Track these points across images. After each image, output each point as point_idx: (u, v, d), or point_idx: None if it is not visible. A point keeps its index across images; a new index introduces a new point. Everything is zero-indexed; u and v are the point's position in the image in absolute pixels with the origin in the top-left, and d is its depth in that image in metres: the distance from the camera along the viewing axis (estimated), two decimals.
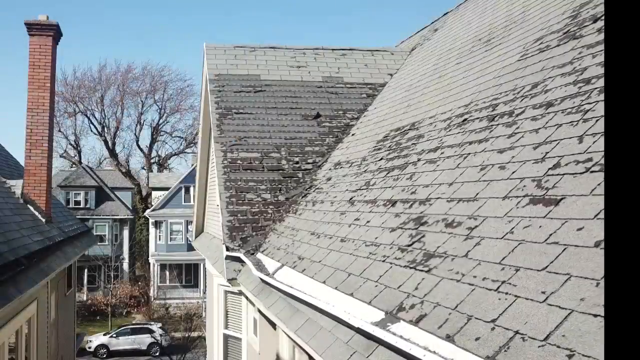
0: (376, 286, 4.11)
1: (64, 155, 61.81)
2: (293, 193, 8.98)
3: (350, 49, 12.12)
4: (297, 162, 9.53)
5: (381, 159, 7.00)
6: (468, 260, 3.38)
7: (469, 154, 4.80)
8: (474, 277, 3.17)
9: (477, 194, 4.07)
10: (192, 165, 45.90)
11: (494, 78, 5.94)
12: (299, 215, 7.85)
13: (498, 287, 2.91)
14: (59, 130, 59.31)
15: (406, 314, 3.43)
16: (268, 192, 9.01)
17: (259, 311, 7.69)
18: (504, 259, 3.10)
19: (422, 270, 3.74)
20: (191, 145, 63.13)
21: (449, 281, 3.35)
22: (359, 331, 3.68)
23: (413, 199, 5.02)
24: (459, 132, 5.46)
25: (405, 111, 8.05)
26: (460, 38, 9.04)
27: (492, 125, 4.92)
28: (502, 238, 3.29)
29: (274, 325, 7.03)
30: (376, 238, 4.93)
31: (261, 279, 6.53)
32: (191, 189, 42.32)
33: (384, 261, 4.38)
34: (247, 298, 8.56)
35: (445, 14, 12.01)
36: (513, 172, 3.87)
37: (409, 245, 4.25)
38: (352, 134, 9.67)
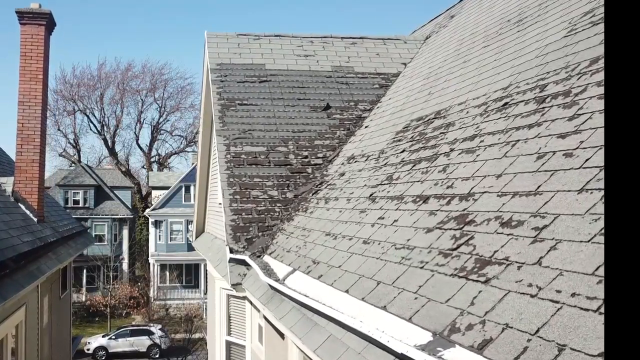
0: (416, 299, 3.39)
1: (63, 154, 61.12)
2: (302, 190, 8.26)
3: (360, 38, 11.40)
4: (306, 157, 8.82)
5: (403, 150, 6.28)
6: (543, 270, 2.67)
7: (518, 140, 4.08)
8: (558, 292, 2.45)
9: (538, 186, 3.35)
10: (193, 164, 45.19)
11: (535, 57, 5.22)
12: (310, 213, 7.14)
13: (599, 307, 2.19)
14: (58, 129, 58.69)
15: (463, 337, 2.71)
16: (275, 188, 8.30)
17: (265, 318, 7.01)
18: (598, 268, 2.38)
19: (476, 281, 3.03)
20: (191, 144, 62.43)
21: (519, 296, 2.64)
22: (402, 357, 2.96)
23: (450, 194, 4.30)
24: (500, 118, 4.74)
25: (426, 99, 7.33)
26: (483, 22, 8.32)
27: (543, 108, 4.20)
28: (589, 241, 2.57)
29: (282, 334, 6.33)
30: (408, 240, 4.22)
31: (270, 285, 5.81)
32: (191, 187, 41.61)
33: (422, 268, 3.66)
34: (251, 303, 7.87)
35: (460, 0, 11.30)
36: (587, 160, 3.15)
37: (453, 249, 3.54)
38: (366, 126, 8.96)
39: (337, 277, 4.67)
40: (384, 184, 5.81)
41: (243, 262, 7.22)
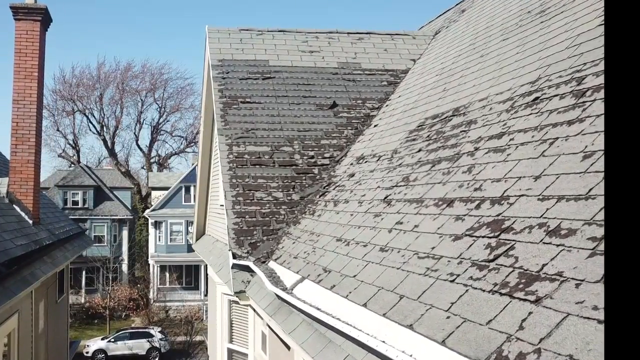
0: (448, 318, 2.97)
1: (62, 154, 60.76)
2: (309, 191, 7.85)
3: (367, 33, 10.99)
4: (312, 157, 8.40)
5: (419, 150, 5.86)
6: None
7: (557, 138, 3.67)
8: None
9: (589, 189, 2.93)
10: (193, 164, 44.80)
11: (566, 48, 4.80)
12: (318, 217, 6.72)
13: None
14: (57, 130, 58.36)
15: None
16: (280, 190, 7.88)
17: (269, 326, 6.60)
18: None
19: (524, 300, 2.61)
20: (192, 144, 62.08)
21: (583, 321, 2.22)
22: None
23: (479, 197, 3.88)
24: (531, 114, 4.33)
25: (441, 96, 6.91)
26: (499, 15, 7.91)
27: (583, 102, 3.78)
28: None
29: (287, 344, 5.91)
30: (433, 248, 3.80)
31: (277, 294, 5.40)
32: (192, 188, 41.22)
33: (452, 281, 3.24)
34: (255, 310, 7.46)
35: None
36: None
37: (490, 261, 3.12)
38: (375, 125, 8.54)
39: (352, 288, 4.25)
40: (400, 186, 5.39)
41: (247, 268, 6.80)
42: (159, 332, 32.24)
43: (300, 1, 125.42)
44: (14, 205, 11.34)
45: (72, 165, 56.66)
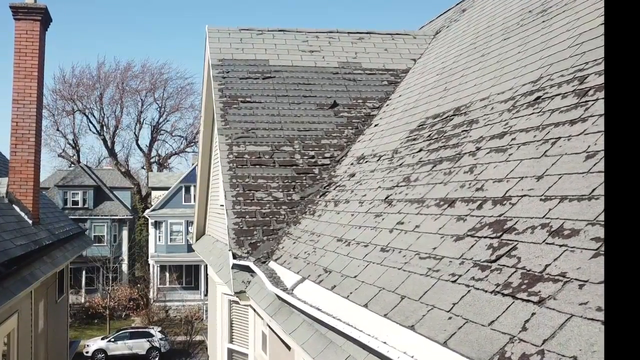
0: (450, 318, 2.95)
1: (62, 154, 60.74)
2: (309, 191, 7.82)
3: (368, 33, 10.96)
4: (312, 157, 8.38)
5: (420, 150, 5.84)
6: None
7: (559, 138, 3.64)
8: None
9: (593, 190, 2.91)
10: (193, 164, 44.80)
11: (568, 47, 4.78)
12: (319, 217, 6.70)
13: None
14: (57, 129, 58.34)
15: None
16: (280, 190, 7.86)
17: (269, 326, 6.58)
18: None
19: (527, 301, 2.59)
20: (192, 144, 62.06)
21: (587, 322, 2.20)
22: None
23: (481, 197, 3.86)
24: (533, 113, 4.30)
25: (442, 96, 6.89)
26: (500, 14, 7.89)
27: (586, 102, 3.76)
28: None
29: (288, 345, 5.89)
30: (434, 248, 3.78)
31: (277, 295, 5.37)
32: (192, 188, 41.22)
33: (454, 282, 3.22)
34: (255, 310, 7.44)
35: None
36: None
37: (492, 261, 3.09)
38: (375, 125, 8.52)
39: (353, 288, 4.23)
40: (401, 186, 5.37)
41: (247, 269, 6.78)
42: (159, 332, 32.23)
43: (300, 1, 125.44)
44: (13, 205, 11.32)
45: (72, 165, 56.65)
